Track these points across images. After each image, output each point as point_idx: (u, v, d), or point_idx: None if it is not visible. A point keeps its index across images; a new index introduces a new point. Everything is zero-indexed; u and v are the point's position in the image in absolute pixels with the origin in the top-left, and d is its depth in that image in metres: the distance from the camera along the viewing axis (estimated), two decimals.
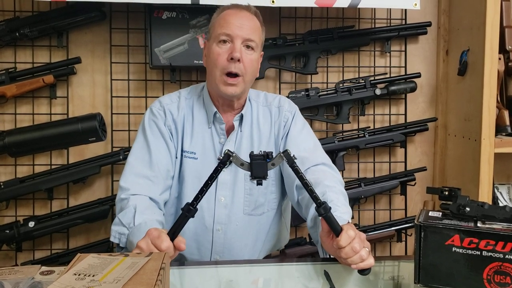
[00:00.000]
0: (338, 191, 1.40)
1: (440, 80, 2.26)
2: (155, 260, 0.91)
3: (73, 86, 2.11)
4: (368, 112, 2.23)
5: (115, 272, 0.86)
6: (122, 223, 1.28)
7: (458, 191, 1.03)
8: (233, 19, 1.42)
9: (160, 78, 2.13)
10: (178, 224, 1.05)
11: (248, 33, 1.42)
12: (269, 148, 1.53)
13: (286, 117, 1.56)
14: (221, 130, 1.51)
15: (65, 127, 1.96)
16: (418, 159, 2.30)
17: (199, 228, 1.49)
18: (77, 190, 2.14)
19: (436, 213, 1.05)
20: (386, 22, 2.22)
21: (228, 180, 1.50)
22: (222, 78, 1.41)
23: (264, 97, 1.61)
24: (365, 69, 2.24)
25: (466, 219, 1.00)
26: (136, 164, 1.43)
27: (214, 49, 1.43)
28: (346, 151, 2.18)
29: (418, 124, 2.21)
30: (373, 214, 2.28)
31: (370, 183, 2.19)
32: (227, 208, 1.50)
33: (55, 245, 2.12)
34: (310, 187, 1.06)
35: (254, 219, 1.53)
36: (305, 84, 2.20)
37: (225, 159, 1.04)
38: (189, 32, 2.00)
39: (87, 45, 2.11)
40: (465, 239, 0.97)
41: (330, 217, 1.07)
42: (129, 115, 2.11)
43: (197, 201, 1.04)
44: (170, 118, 1.50)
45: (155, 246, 1.05)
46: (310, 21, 2.18)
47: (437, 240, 0.99)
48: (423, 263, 1.01)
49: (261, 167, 1.05)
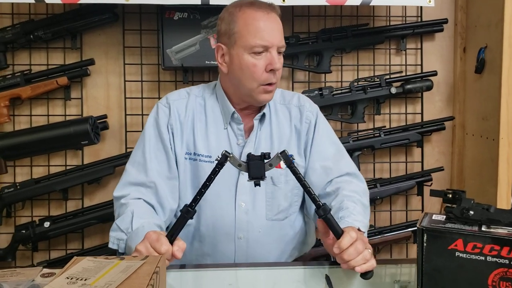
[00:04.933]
0: (357, 200, 1.35)
1: (457, 78, 2.20)
2: (150, 264, 0.91)
3: (87, 88, 2.13)
4: (383, 111, 2.19)
5: (108, 276, 0.86)
6: (120, 228, 1.26)
7: (463, 194, 1.00)
8: (265, 25, 1.32)
9: (172, 79, 2.13)
10: (176, 226, 1.05)
11: (281, 39, 1.35)
12: (290, 150, 1.43)
13: (309, 119, 1.48)
14: (239, 131, 1.42)
15: (57, 130, 1.98)
16: (435, 159, 2.25)
17: (219, 237, 1.40)
18: (92, 190, 2.16)
19: (440, 217, 1.02)
20: (401, 19, 2.18)
21: (248, 184, 1.37)
22: (261, 88, 1.34)
23: (280, 95, 1.52)
24: (380, 68, 2.20)
25: (470, 223, 0.97)
26: (131, 171, 1.40)
27: (248, 60, 1.32)
28: (361, 151, 2.15)
29: (435, 124, 2.16)
30: (389, 215, 2.24)
31: (386, 184, 2.15)
32: (248, 214, 1.40)
33: (70, 245, 2.15)
34: (309, 188, 1.05)
35: (277, 225, 1.44)
36: (318, 83, 2.18)
37: (222, 159, 1.03)
38: (201, 32, 2.00)
39: (101, 46, 2.12)
40: (468, 243, 0.94)
41: (330, 219, 1.05)
42: (142, 116, 2.11)
43: (195, 203, 1.04)
44: (175, 116, 1.42)
45: (154, 249, 1.04)
46: (323, 20, 2.16)
47: (439, 245, 0.96)
48: (425, 268, 0.98)
49: (259, 167, 1.04)
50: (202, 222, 1.40)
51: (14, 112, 2.09)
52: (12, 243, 2.06)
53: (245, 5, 1.35)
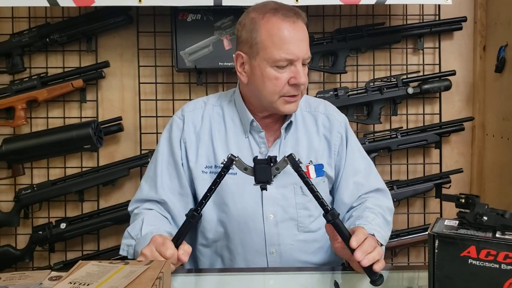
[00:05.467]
0: (378, 213, 1.33)
1: (477, 77, 2.15)
2: (153, 269, 0.90)
3: (102, 90, 2.14)
4: (400, 112, 2.15)
5: (111, 281, 0.85)
6: (131, 235, 1.26)
7: (477, 198, 0.96)
8: (290, 36, 1.23)
9: (186, 80, 2.13)
10: (182, 231, 1.04)
11: (306, 51, 1.26)
12: (320, 160, 1.37)
13: (340, 132, 1.41)
14: (261, 139, 1.35)
15: (60, 134, 1.99)
16: (454, 160, 2.20)
17: (250, 253, 1.33)
18: (107, 192, 2.17)
19: (453, 222, 0.99)
20: (419, 18, 2.14)
21: (275, 195, 1.32)
22: (283, 100, 1.27)
23: (306, 102, 1.45)
24: (397, 67, 2.16)
25: (484, 229, 0.94)
26: (144, 187, 1.38)
27: (270, 73, 1.25)
28: (377, 153, 2.11)
29: (454, 124, 2.11)
30: (407, 217, 2.20)
31: (403, 186, 2.11)
32: (278, 226, 1.33)
33: (86, 247, 2.17)
34: (316, 192, 1.03)
35: (311, 236, 1.37)
36: (333, 84, 2.15)
37: (228, 163, 1.02)
38: (214, 34, 1.99)
39: (116, 49, 2.13)
40: (481, 250, 0.90)
41: (338, 224, 1.03)
42: (157, 118, 2.12)
43: (201, 207, 1.03)
44: (189, 129, 1.37)
45: (160, 253, 1.04)
46: (338, 19, 2.13)
47: (452, 251, 0.93)
48: (437, 275, 0.95)
49: (265, 171, 1.03)
50: (231, 240, 1.34)
51: (31, 114, 2.12)
52: (30, 244, 2.08)
53: (270, 12, 1.25)
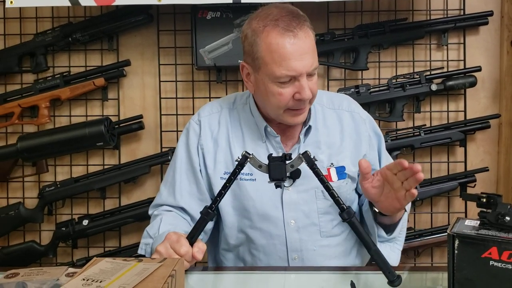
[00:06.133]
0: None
1: (504, 73, 2.08)
2: (166, 267, 0.90)
3: (124, 88, 2.16)
4: (424, 109, 2.11)
5: (123, 278, 0.85)
6: (149, 234, 1.27)
7: (499, 198, 0.93)
8: (291, 52, 1.16)
9: (206, 78, 2.13)
10: (197, 228, 1.04)
11: (311, 63, 1.19)
12: (343, 160, 1.34)
13: (367, 131, 1.38)
14: (277, 144, 1.32)
15: (73, 132, 2.01)
16: (480, 158, 2.14)
17: (272, 258, 1.32)
18: (129, 189, 2.19)
19: (474, 222, 0.95)
20: (443, 13, 2.09)
21: (295, 199, 1.30)
22: (288, 112, 1.24)
23: (328, 99, 1.41)
24: (421, 64, 2.11)
25: (506, 229, 0.90)
26: (163, 192, 1.38)
27: (273, 89, 1.20)
28: (400, 151, 2.07)
29: (479, 121, 2.05)
30: (430, 217, 2.15)
31: (426, 184, 2.06)
32: (300, 232, 1.31)
33: (108, 243, 2.19)
34: (332, 190, 1.01)
35: (334, 240, 1.35)
36: (355, 81, 2.12)
37: (242, 160, 1.01)
38: (233, 31, 1.99)
39: (137, 47, 2.15)
40: (504, 252, 0.87)
41: (354, 222, 1.01)
42: (177, 116, 2.13)
43: (215, 204, 1.02)
44: (206, 134, 1.35)
45: (174, 250, 1.03)
46: (360, 15, 2.10)
47: (472, 252, 0.90)
48: (457, 277, 0.92)
49: (280, 168, 1.01)
50: (253, 245, 1.33)
51: (54, 113, 2.15)
52: (53, 240, 2.12)
53: (270, 24, 1.18)
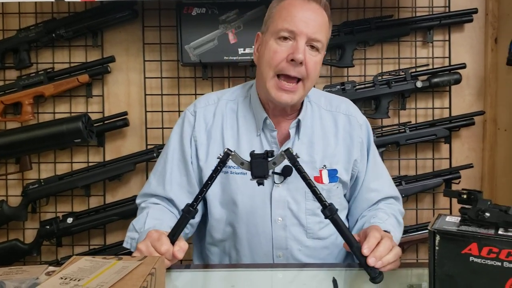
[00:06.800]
0: (391, 214, 1.34)
1: (488, 70, 2.09)
2: (146, 265, 0.89)
3: (108, 85, 2.14)
4: (409, 106, 2.11)
5: (102, 277, 0.84)
6: (135, 228, 1.26)
7: (479, 194, 0.93)
8: (299, 12, 1.21)
9: (192, 75, 2.11)
10: (178, 226, 1.03)
11: (315, 31, 1.21)
12: (336, 164, 1.33)
13: (360, 136, 1.38)
14: (273, 139, 1.31)
15: (50, 128, 1.97)
16: (465, 155, 2.15)
17: (257, 254, 1.32)
18: (113, 187, 2.17)
19: (455, 219, 0.96)
20: (428, 10, 2.09)
21: (284, 197, 1.30)
22: (275, 82, 1.22)
23: (326, 100, 1.41)
24: (406, 61, 2.12)
25: (486, 225, 0.90)
26: (152, 182, 1.37)
27: (271, 46, 1.22)
28: (385, 147, 2.08)
29: (464, 118, 2.07)
30: (415, 213, 2.16)
31: (412, 181, 2.07)
32: (286, 230, 1.31)
33: (93, 241, 2.17)
34: (314, 187, 1.01)
35: (320, 243, 1.34)
36: (341, 78, 2.12)
37: (224, 157, 1.00)
38: (219, 28, 1.97)
39: (122, 43, 2.13)
40: (483, 248, 0.87)
41: (336, 219, 1.01)
42: (162, 112, 2.11)
43: (197, 202, 1.01)
44: (200, 126, 1.34)
45: (155, 249, 1.02)
46: (346, 12, 2.09)
47: (452, 248, 0.90)
48: (438, 273, 0.92)
49: (261, 166, 1.01)
50: (238, 240, 1.33)
51: (38, 109, 2.13)
52: (37, 238, 2.09)
53: None
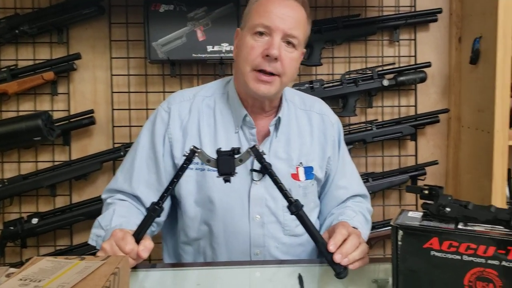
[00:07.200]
0: (358, 211, 1.36)
1: (452, 69, 2.14)
2: (109, 265, 0.87)
3: (74, 83, 2.10)
4: (376, 104, 2.15)
5: (63, 277, 0.82)
6: (101, 225, 1.23)
7: (440, 190, 0.96)
8: (275, 7, 1.21)
9: (160, 72, 2.09)
10: (143, 225, 1.02)
11: (291, 26, 1.21)
12: (312, 161, 1.35)
13: (333, 134, 1.40)
14: (251, 136, 1.30)
15: (9, 126, 1.93)
16: (430, 152, 2.20)
17: (233, 252, 1.31)
18: (81, 186, 2.13)
19: (417, 214, 0.98)
20: (394, 10, 2.12)
21: (262, 195, 1.29)
22: (253, 74, 1.22)
23: (300, 99, 1.42)
24: (373, 60, 2.15)
25: (447, 220, 0.93)
26: (119, 178, 1.34)
27: (247, 41, 1.22)
28: (353, 145, 2.10)
29: (429, 116, 2.11)
30: (382, 210, 2.20)
31: (378, 178, 2.11)
32: (264, 228, 1.30)
33: (60, 242, 2.13)
34: (280, 184, 1.01)
35: (296, 240, 1.35)
36: (309, 76, 2.13)
37: (190, 155, 0.99)
38: (187, 25, 1.96)
39: (88, 40, 2.09)
40: (444, 242, 0.90)
41: (302, 215, 1.02)
42: (130, 110, 2.08)
43: (162, 200, 1.00)
44: (175, 123, 1.30)
45: (119, 248, 1.01)
46: (314, 11, 2.10)
47: (414, 243, 0.92)
48: (401, 268, 0.94)
49: (228, 163, 1.00)
50: (215, 238, 1.31)
51: (1, 108, 2.07)
52: (1, 239, 2.04)
53: None
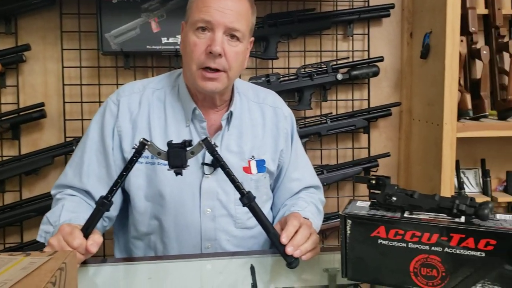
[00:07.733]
0: (310, 202, 1.38)
1: (404, 63, 2.20)
2: (56, 260, 0.85)
3: (24, 75, 2.03)
4: (330, 98, 2.18)
5: (6, 274, 0.80)
6: (49, 221, 1.19)
7: (387, 179, 0.98)
8: (214, 2, 1.17)
9: (113, 64, 2.05)
10: (91, 219, 1.00)
11: (232, 20, 1.18)
12: (264, 154, 1.34)
13: (286, 128, 1.40)
14: (202, 129, 1.28)
15: None
16: (383, 144, 2.25)
17: (185, 246, 1.29)
18: (31, 182, 2.07)
19: (365, 203, 1.00)
20: (349, 4, 2.15)
21: (214, 188, 1.28)
22: (199, 72, 1.19)
23: (254, 92, 1.40)
24: (328, 54, 2.18)
25: (393, 209, 0.95)
26: (68, 173, 1.30)
27: (190, 38, 1.19)
28: (308, 138, 2.13)
29: (381, 109, 2.16)
30: (337, 201, 2.23)
31: (333, 170, 2.14)
32: (215, 221, 1.29)
33: (9, 239, 2.06)
34: (233, 176, 1.01)
35: (248, 232, 1.34)
36: (266, 70, 2.14)
37: (140, 148, 0.98)
38: (141, 16, 1.93)
39: (38, 31, 2.02)
40: (390, 230, 0.92)
41: (254, 207, 1.02)
42: (82, 103, 2.03)
43: (111, 194, 0.98)
44: (124, 116, 1.27)
45: (67, 243, 0.98)
46: (270, 4, 2.11)
47: (362, 232, 0.94)
48: (349, 256, 0.96)
49: (179, 156, 0.99)
50: (165, 233, 1.29)
51: None
52: None
53: None
